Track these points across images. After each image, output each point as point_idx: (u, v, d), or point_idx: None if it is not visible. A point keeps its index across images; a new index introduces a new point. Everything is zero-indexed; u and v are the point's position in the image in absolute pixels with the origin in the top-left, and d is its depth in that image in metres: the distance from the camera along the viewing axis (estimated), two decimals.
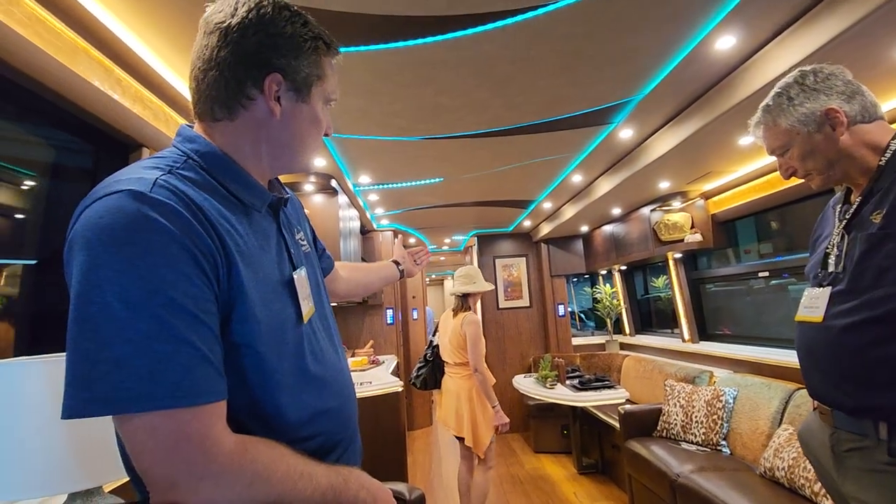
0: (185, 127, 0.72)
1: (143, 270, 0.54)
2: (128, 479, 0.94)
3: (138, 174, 0.60)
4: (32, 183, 1.54)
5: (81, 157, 1.61)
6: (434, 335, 3.28)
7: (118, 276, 0.53)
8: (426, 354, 3.24)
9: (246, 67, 0.68)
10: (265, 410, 0.65)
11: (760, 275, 3.32)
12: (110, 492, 1.19)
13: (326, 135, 0.79)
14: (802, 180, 1.17)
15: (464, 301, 3.00)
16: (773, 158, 1.19)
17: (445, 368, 3.07)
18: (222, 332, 0.61)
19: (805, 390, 2.43)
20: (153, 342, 0.53)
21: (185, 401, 0.54)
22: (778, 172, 1.21)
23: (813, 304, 1.10)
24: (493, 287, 3.23)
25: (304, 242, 0.88)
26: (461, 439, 2.92)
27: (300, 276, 0.75)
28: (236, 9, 0.67)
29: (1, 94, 1.28)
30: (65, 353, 0.54)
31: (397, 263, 1.38)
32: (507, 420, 2.84)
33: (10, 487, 0.91)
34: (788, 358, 2.81)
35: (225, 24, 0.67)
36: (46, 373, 0.94)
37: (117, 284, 0.53)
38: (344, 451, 0.77)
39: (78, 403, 0.52)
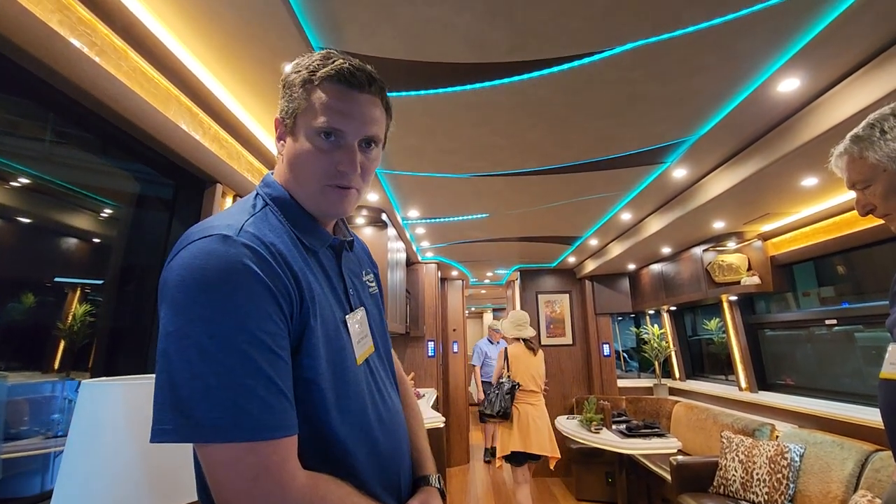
0: (269, 174, 0.79)
1: (230, 308, 0.57)
2: (192, 502, 0.98)
3: (228, 220, 0.65)
4: (119, 212, 1.68)
5: (164, 190, 1.75)
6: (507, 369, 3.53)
7: (208, 313, 0.57)
8: (506, 387, 3.50)
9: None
10: (326, 446, 0.66)
11: (828, 322, 3.11)
12: None
13: (344, 170, 0.71)
14: (881, 220, 1.10)
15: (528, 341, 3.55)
16: (840, 200, 1.13)
17: (523, 397, 3.39)
18: (293, 368, 0.63)
19: (886, 453, 2.24)
20: (237, 376, 0.56)
21: (266, 434, 0.56)
22: (845, 215, 1.14)
23: None
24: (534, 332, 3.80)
25: (373, 284, 0.91)
26: (536, 459, 3.34)
27: (353, 318, 0.76)
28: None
29: (104, 135, 1.43)
30: (138, 377, 0.57)
31: None
32: None
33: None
34: (863, 415, 2.59)
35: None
36: (125, 395, 0.99)
37: (207, 321, 0.56)
38: (397, 490, 0.78)
39: (166, 429, 0.55)
